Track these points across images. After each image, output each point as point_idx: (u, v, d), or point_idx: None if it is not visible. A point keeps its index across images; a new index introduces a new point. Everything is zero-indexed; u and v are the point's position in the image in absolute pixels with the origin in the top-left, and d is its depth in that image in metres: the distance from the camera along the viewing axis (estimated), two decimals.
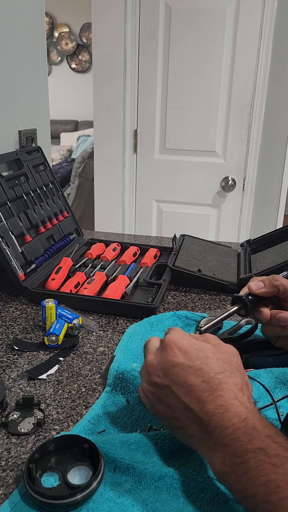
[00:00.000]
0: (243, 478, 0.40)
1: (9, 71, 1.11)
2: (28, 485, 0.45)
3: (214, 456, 0.43)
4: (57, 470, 0.47)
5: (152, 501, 0.44)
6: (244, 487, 0.40)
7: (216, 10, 1.91)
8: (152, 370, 0.50)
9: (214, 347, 0.50)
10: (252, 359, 0.66)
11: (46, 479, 0.47)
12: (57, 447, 0.49)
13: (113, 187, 2.24)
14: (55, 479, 0.47)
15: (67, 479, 0.45)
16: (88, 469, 0.47)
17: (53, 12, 5.60)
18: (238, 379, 0.47)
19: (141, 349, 0.72)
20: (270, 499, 0.38)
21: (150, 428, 0.55)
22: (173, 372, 0.48)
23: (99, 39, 2.05)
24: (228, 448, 0.42)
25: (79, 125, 5.84)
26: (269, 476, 0.39)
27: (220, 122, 2.05)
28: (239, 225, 2.20)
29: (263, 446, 0.41)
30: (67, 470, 0.47)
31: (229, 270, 1.01)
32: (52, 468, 0.48)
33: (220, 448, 0.43)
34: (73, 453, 0.49)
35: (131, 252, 1.12)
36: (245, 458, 0.40)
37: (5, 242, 0.91)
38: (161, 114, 2.11)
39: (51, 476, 0.47)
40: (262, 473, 0.39)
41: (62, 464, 0.48)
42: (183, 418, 0.47)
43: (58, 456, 0.49)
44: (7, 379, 0.65)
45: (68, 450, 0.49)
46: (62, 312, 0.79)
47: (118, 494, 0.45)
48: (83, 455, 0.48)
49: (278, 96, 1.97)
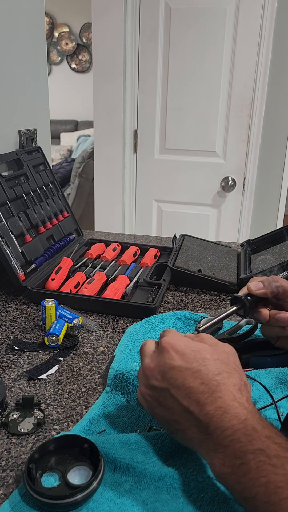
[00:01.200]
0: (243, 479, 0.40)
1: (9, 71, 1.11)
2: (28, 485, 0.45)
3: (214, 457, 0.43)
4: (57, 470, 0.47)
5: (152, 501, 0.44)
6: (244, 488, 0.40)
7: (216, 10, 1.91)
8: (150, 373, 0.50)
9: (211, 348, 0.50)
10: (252, 359, 0.66)
11: (46, 479, 0.47)
12: (57, 447, 0.49)
13: (113, 187, 2.24)
14: (55, 479, 0.47)
15: (67, 479, 0.45)
16: (88, 469, 0.47)
17: (53, 12, 5.60)
18: (237, 380, 0.47)
19: None
20: (270, 500, 0.38)
21: (150, 428, 0.55)
22: (171, 375, 0.48)
23: (99, 39, 2.05)
24: (228, 450, 0.42)
25: (79, 125, 5.84)
26: (269, 477, 0.38)
27: (220, 122, 2.05)
28: (239, 225, 2.20)
29: (263, 447, 0.41)
30: (67, 470, 0.47)
31: (229, 270, 1.01)
32: (52, 468, 0.48)
33: (220, 449, 0.43)
34: (73, 453, 0.49)
35: (131, 252, 1.12)
36: (245, 459, 0.40)
37: (5, 242, 0.91)
38: (161, 114, 2.11)
39: (51, 476, 0.47)
40: (262, 474, 0.39)
41: (62, 464, 0.48)
42: (183, 421, 0.46)
43: (58, 456, 0.49)
44: (7, 379, 0.65)
45: (68, 450, 0.49)
46: (62, 312, 0.79)
47: (118, 494, 0.45)
48: (83, 455, 0.48)
49: (278, 96, 1.97)
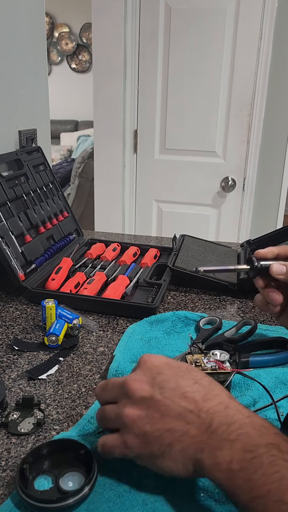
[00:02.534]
0: (254, 476, 0.36)
1: (9, 71, 1.11)
2: (19, 486, 0.44)
3: (220, 455, 0.39)
4: (51, 473, 0.47)
5: (152, 501, 0.44)
6: (254, 486, 0.36)
7: (216, 10, 1.91)
8: (136, 386, 0.45)
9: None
10: (252, 359, 0.66)
11: (40, 481, 0.46)
12: (53, 451, 0.49)
13: (113, 187, 2.24)
14: (49, 482, 0.46)
15: (59, 483, 0.45)
16: (81, 475, 0.46)
17: (53, 12, 5.61)
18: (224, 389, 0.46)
19: (141, 349, 0.71)
20: (283, 499, 0.34)
21: None
22: (161, 379, 0.45)
23: (99, 39, 2.05)
24: (236, 444, 0.39)
25: (79, 125, 5.85)
26: (282, 473, 0.35)
27: (220, 122, 2.05)
28: (239, 225, 2.20)
29: (275, 441, 0.38)
30: (60, 474, 0.46)
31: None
32: (46, 471, 0.47)
33: (226, 445, 0.39)
34: (68, 457, 0.48)
35: (131, 252, 1.12)
36: (257, 453, 0.37)
37: (5, 242, 0.91)
38: (161, 114, 2.11)
39: (44, 479, 0.46)
40: (275, 469, 0.36)
41: (56, 468, 0.47)
42: (179, 426, 0.42)
43: (53, 460, 0.48)
44: (7, 379, 0.65)
45: (64, 454, 0.49)
46: (62, 312, 0.79)
47: (118, 494, 0.45)
48: (79, 461, 0.48)
49: (278, 96, 1.97)
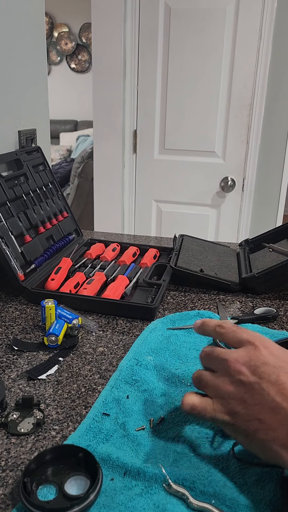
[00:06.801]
0: None
1: (9, 71, 1.11)
2: (26, 500, 0.43)
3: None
4: (53, 482, 0.46)
5: (164, 503, 0.44)
6: None
7: (216, 10, 1.91)
8: (238, 368, 0.47)
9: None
10: None
11: (41, 491, 0.45)
12: (51, 459, 0.48)
13: (113, 187, 2.24)
14: (51, 491, 0.45)
15: (64, 490, 0.44)
16: (85, 478, 0.46)
17: (53, 12, 5.61)
18: None
19: (159, 344, 0.72)
20: None
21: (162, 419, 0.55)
22: (264, 370, 0.46)
23: (99, 39, 2.05)
24: None
25: (79, 125, 5.85)
26: None
27: (219, 123, 2.05)
28: (238, 225, 2.20)
29: None
30: (63, 481, 0.45)
31: (230, 270, 1.01)
32: (47, 480, 0.46)
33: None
34: (68, 463, 0.48)
35: (130, 252, 1.12)
36: None
37: (4, 242, 0.91)
38: (160, 114, 2.11)
39: (45, 488, 0.46)
40: None
41: (57, 476, 0.47)
42: (270, 420, 0.44)
43: (52, 468, 0.47)
44: (7, 379, 0.65)
45: (62, 460, 0.48)
46: (62, 312, 0.79)
47: (129, 498, 0.45)
48: (79, 465, 0.47)
49: (278, 96, 1.97)
